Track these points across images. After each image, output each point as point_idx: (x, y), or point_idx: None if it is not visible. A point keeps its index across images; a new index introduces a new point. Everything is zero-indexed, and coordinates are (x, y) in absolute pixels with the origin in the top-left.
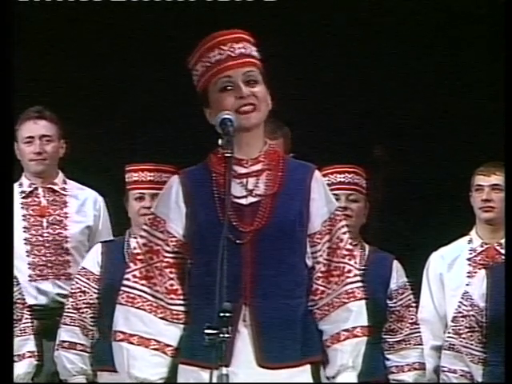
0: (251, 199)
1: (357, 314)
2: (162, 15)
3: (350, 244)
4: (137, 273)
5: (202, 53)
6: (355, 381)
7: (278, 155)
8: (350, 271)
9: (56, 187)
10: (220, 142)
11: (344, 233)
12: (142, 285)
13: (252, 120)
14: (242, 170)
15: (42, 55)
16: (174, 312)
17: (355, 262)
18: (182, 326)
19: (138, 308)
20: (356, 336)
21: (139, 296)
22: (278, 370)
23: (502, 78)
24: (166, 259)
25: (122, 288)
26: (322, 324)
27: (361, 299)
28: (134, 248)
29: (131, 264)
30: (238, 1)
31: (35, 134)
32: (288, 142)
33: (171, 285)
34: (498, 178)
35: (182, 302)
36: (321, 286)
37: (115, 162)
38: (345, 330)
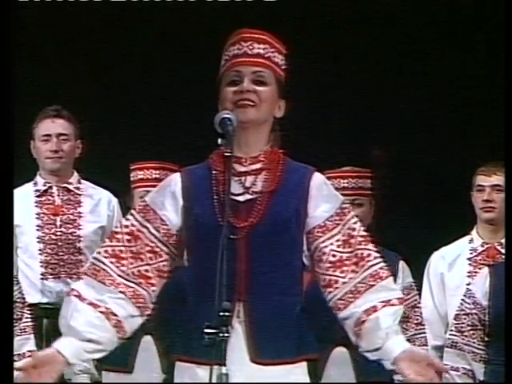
0: (248, 196)
1: (388, 289)
2: (164, 15)
3: (364, 231)
4: (109, 249)
5: (227, 46)
6: (406, 344)
7: (279, 156)
8: (369, 255)
9: (71, 186)
10: (219, 141)
11: (355, 222)
12: (111, 262)
13: (248, 115)
14: (241, 169)
15: (42, 55)
16: (137, 293)
17: (372, 246)
18: (137, 308)
19: (99, 281)
20: (393, 305)
21: (103, 270)
22: (271, 366)
23: (502, 77)
24: (152, 244)
25: (91, 260)
26: (347, 311)
27: (387, 277)
28: (116, 227)
29: (107, 240)
30: (238, 1)
31: (52, 132)
32: (277, 141)
33: (146, 270)
34: (498, 178)
35: (148, 291)
36: (334, 276)
37: (128, 163)
38: (380, 302)
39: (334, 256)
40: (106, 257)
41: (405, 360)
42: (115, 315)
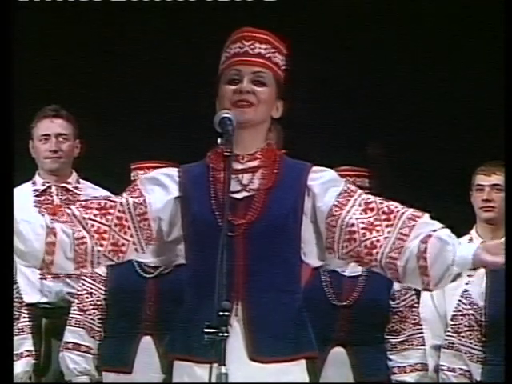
0: (245, 194)
1: (430, 223)
2: (164, 15)
3: (380, 197)
4: (83, 203)
5: (228, 44)
6: (474, 244)
7: (275, 153)
8: (396, 207)
9: (69, 186)
10: (219, 140)
11: (367, 194)
12: (78, 210)
13: (246, 115)
14: (238, 166)
15: (42, 55)
16: (83, 240)
17: (393, 202)
18: (74, 253)
19: (60, 221)
20: (443, 229)
21: (68, 214)
22: (269, 363)
23: (502, 77)
24: (124, 215)
25: (64, 209)
26: (403, 254)
27: (423, 215)
28: (102, 196)
29: (88, 200)
30: (238, 1)
31: (51, 132)
32: (280, 139)
33: (104, 231)
34: (498, 178)
35: (94, 246)
36: (373, 237)
37: (128, 163)
38: (431, 231)
39: (362, 223)
40: (77, 208)
41: (482, 252)
42: (54, 236)
